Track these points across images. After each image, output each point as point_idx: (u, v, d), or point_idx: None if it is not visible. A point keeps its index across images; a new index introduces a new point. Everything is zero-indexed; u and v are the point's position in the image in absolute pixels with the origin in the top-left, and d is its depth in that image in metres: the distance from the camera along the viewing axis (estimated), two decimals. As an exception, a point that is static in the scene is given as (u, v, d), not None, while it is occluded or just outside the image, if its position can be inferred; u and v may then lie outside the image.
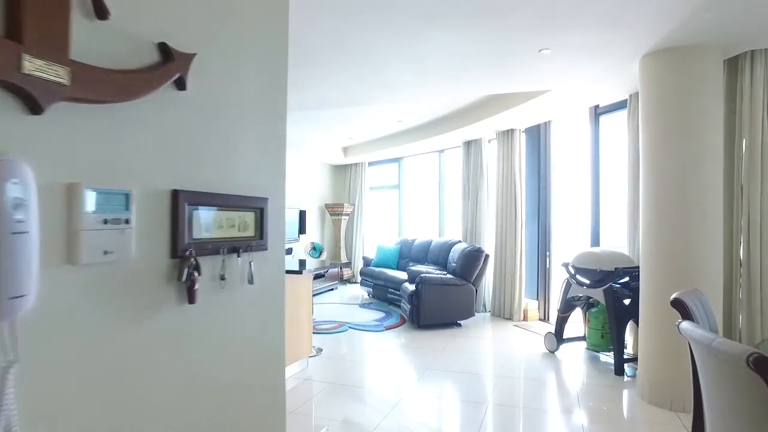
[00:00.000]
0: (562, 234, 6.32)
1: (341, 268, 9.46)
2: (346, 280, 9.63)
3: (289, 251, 8.48)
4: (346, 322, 5.96)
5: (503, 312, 6.27)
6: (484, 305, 6.76)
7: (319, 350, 4.72)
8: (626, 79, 3.96)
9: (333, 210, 9.63)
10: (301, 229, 8.87)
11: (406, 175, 9.40)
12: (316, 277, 8.07)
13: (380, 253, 8.33)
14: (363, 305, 7.21)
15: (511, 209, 6.20)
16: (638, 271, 3.54)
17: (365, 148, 8.71)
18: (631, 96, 4.32)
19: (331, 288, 8.73)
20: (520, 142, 6.25)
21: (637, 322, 3.63)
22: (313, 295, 8.25)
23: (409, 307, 5.76)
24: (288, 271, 3.62)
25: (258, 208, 1.16)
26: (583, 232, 5.64)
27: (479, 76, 4.06)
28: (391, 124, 7.17)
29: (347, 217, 9.77)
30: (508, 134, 6.27)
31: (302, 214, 8.89)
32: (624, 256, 4.15)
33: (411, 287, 5.86)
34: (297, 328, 4.00)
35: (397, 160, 9.41)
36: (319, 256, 9.07)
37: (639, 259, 3.62)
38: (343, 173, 10.21)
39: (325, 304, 7.30)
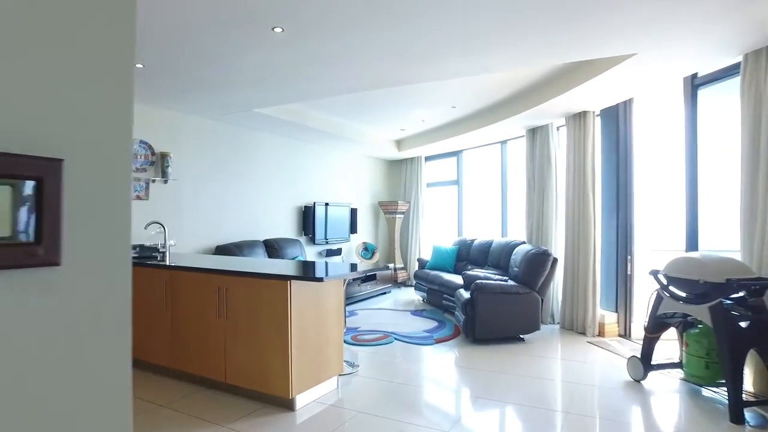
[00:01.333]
0: (647, 234, 5.33)
1: (395, 270, 8.87)
2: (400, 283, 9.02)
3: (338, 252, 8.00)
4: (393, 333, 5.33)
5: (575, 325, 5.37)
6: (552, 316, 5.88)
7: (355, 366, 4.14)
8: (741, 30, 3.03)
9: (387, 208, 9.05)
10: (353, 229, 8.38)
11: (466, 169, 8.62)
12: (366, 279, 7.53)
13: (436, 254, 7.63)
14: (415, 312, 6.55)
15: (583, 206, 5.30)
16: (762, 285, 2.64)
17: (419, 140, 8.05)
18: (747, 56, 3.35)
19: (383, 291, 8.15)
20: (594, 127, 5.33)
21: (762, 354, 2.72)
22: (365, 299, 7.79)
23: (463, 317, 5.04)
24: (303, 278, 3.05)
25: (21, 177, 0.56)
26: (674, 232, 4.65)
27: (539, 37, 3.28)
28: (445, 112, 6.46)
29: (402, 216, 9.16)
30: (579, 118, 5.37)
31: (353, 213, 8.39)
32: (737, 263, 3.19)
33: (466, 294, 5.14)
34: (320, 345, 3.44)
35: (455, 153, 8.66)
36: (371, 258, 8.52)
37: (760, 267, 2.71)
38: (398, 169, 9.60)
39: (375, 310, 6.72)
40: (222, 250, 5.74)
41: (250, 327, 3.32)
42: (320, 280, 2.97)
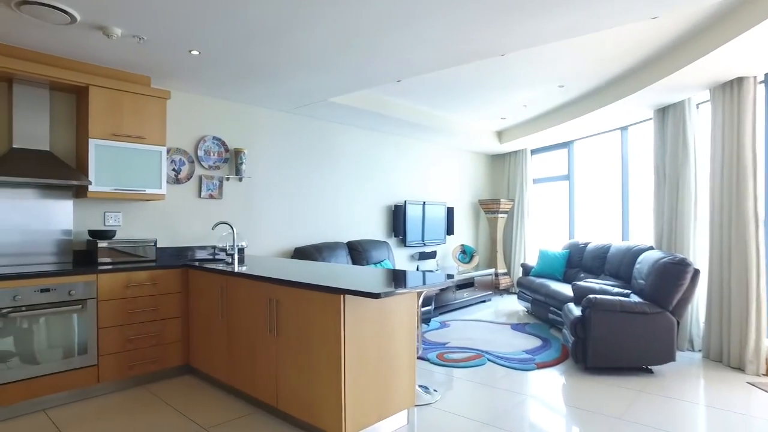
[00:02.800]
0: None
1: (497, 276, 7.99)
2: (502, 291, 8.12)
3: (432, 255, 7.34)
4: (487, 352, 4.56)
5: (726, 357, 4.17)
6: (691, 343, 4.68)
7: (434, 393, 3.46)
8: None
9: (488, 207, 8.20)
10: (449, 230, 7.68)
11: (578, 162, 7.48)
12: (462, 286, 6.78)
13: (543, 259, 6.65)
14: (516, 327, 5.67)
15: (738, 203, 4.08)
16: None
17: (523, 129, 7.10)
18: None
19: (482, 300, 7.33)
20: (756, 98, 4.08)
21: None
22: (461, 308, 7.04)
23: (572, 338, 4.12)
24: (357, 293, 2.46)
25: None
26: None
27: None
28: (551, 93, 5.50)
29: (505, 216, 8.24)
30: (732, 88, 4.15)
31: (450, 212, 7.68)
32: None
33: (576, 311, 4.21)
34: (385, 371, 2.82)
35: (565, 144, 7.56)
36: (469, 261, 7.74)
37: None
38: (501, 164, 8.69)
39: (470, 322, 5.95)
40: (301, 252, 5.39)
41: (301, 347, 2.81)
42: (376, 296, 2.37)
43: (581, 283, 4.55)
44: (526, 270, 6.90)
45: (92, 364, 3.40)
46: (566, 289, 5.46)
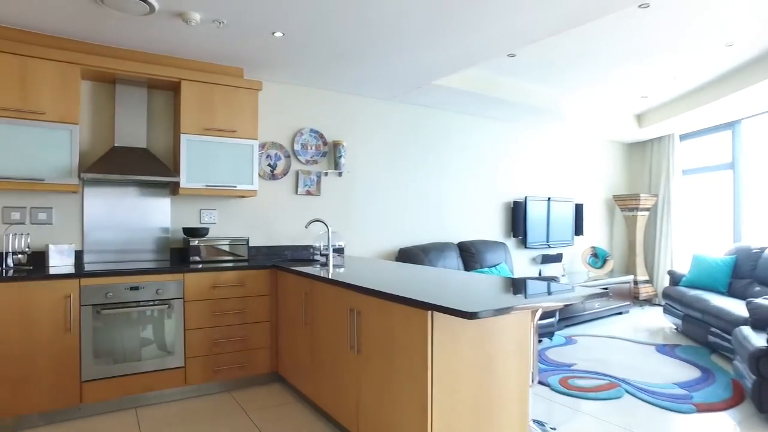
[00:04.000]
0: None
1: (636, 284, 6.79)
2: (643, 301, 6.90)
3: (558, 258, 6.43)
4: (625, 381, 3.67)
5: None
6: None
7: (552, 431, 2.76)
8: None
9: (625, 203, 7.02)
10: (578, 230, 6.70)
11: (746, 147, 6.02)
12: (594, 295, 5.78)
13: (699, 266, 5.42)
14: (662, 349, 4.62)
15: None
16: None
17: (671, 109, 5.88)
18: None
19: (617, 311, 6.25)
20: None
21: None
22: (591, 321, 6.01)
23: (752, 376, 3.09)
24: (446, 309, 1.91)
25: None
26: None
27: None
28: (714, 57, 4.36)
29: (646, 213, 6.99)
30: None
31: (579, 210, 6.70)
32: None
33: (757, 339, 3.17)
34: (485, 404, 2.21)
35: (729, 126, 6.15)
36: (602, 266, 6.67)
37: None
38: (641, 153, 7.42)
39: (602, 338, 5.01)
40: (405, 254, 4.93)
41: (384, 370, 2.32)
42: (470, 316, 1.79)
43: (763, 301, 3.45)
44: (675, 279, 5.69)
45: (180, 366, 3.27)
46: (735, 307, 4.29)
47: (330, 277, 2.80)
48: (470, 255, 5.34)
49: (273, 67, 3.96)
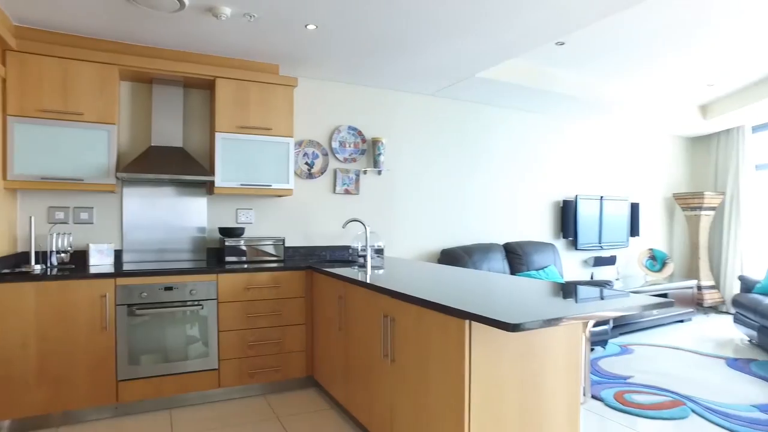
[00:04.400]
0: None
1: (699, 290, 6.27)
2: (708, 308, 6.36)
3: (611, 261, 6.04)
4: (690, 398, 3.33)
5: None
6: None
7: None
8: None
9: (687, 202, 6.51)
10: (633, 230, 6.26)
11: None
12: (658, 305, 5.36)
13: (773, 272, 4.91)
14: (734, 363, 4.19)
15: None
16: None
17: (742, 97, 5.37)
18: None
19: (679, 319, 5.78)
20: None
21: None
22: (649, 328, 5.57)
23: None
24: (484, 320, 1.72)
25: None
26: None
27: None
28: (793, 40, 3.90)
29: (711, 213, 6.45)
30: None
31: (634, 209, 6.26)
32: None
33: None
34: (530, 425, 1.99)
35: (809, 114, 5.55)
36: (660, 270, 6.20)
37: None
38: (705, 147, 6.86)
39: (662, 348, 4.61)
40: (448, 255, 4.73)
41: (420, 382, 2.14)
42: (511, 328, 1.59)
43: None
44: (748, 285, 5.18)
45: (213, 368, 3.22)
46: (819, 317, 3.82)
47: (362, 281, 2.65)
48: (517, 257, 5.07)
49: (308, 63, 3.86)
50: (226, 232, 3.72)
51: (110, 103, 3.24)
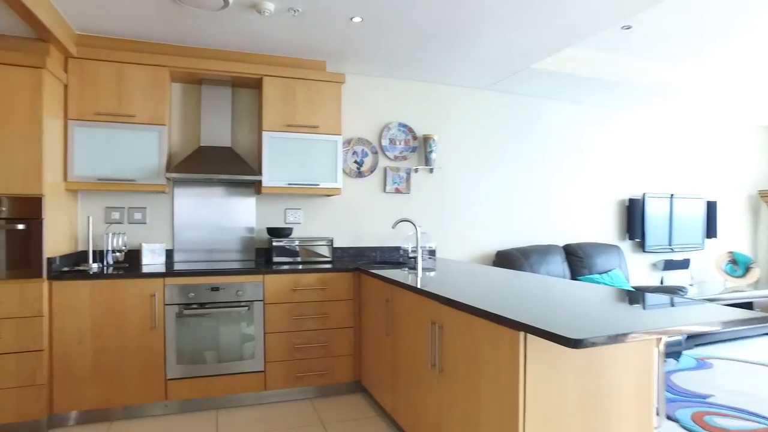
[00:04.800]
0: None
1: (790, 298, 5.63)
2: (800, 319, 5.68)
3: (684, 264, 5.56)
4: (781, 421, 2.93)
5: None
6: None
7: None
8: None
9: (773, 201, 5.88)
10: (710, 232, 5.74)
11: None
12: (750, 320, 4.86)
13: None
14: (833, 382, 3.68)
15: None
16: None
17: (841, 84, 4.76)
18: None
19: (765, 332, 5.21)
20: None
21: None
22: (730, 340, 5.03)
23: None
24: (542, 333, 1.53)
25: None
26: None
27: None
28: None
29: (803, 213, 5.79)
30: None
31: (711, 208, 5.73)
32: None
33: None
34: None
35: None
36: (743, 276, 5.63)
37: None
38: (795, 139, 6.18)
39: (747, 364, 4.15)
40: (503, 257, 4.49)
41: (469, 396, 1.97)
42: (575, 344, 1.38)
43: None
44: None
45: (259, 370, 3.18)
46: None
47: (409, 284, 2.50)
48: (578, 259, 4.74)
49: (356, 58, 3.76)
50: (274, 232, 3.69)
51: (161, 105, 3.28)
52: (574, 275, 4.68)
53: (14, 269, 2.73)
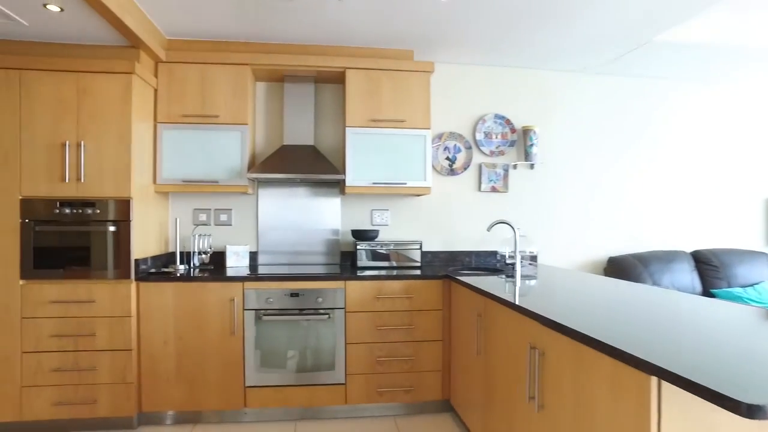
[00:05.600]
0: None
1: None
2: None
3: None
4: None
5: None
6: None
7: None
8: None
9: None
10: None
11: None
12: None
13: None
14: None
15: None
16: None
17: None
18: None
19: None
20: None
21: None
22: None
23: None
24: (691, 385, 1.10)
25: None
26: None
27: None
28: None
29: None
30: None
31: None
32: None
33: None
34: None
35: None
36: None
37: None
38: None
39: None
40: (617, 265, 3.90)
41: (577, 444, 1.57)
42: (751, 412, 0.95)
43: None
44: None
45: (340, 383, 2.98)
46: None
47: (504, 298, 2.13)
48: (712, 269, 3.99)
49: (445, 45, 3.43)
50: (359, 234, 3.48)
51: (243, 104, 3.21)
52: (707, 288, 3.94)
53: (107, 270, 2.78)
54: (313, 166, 3.24)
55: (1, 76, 2.75)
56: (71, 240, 2.77)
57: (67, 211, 2.76)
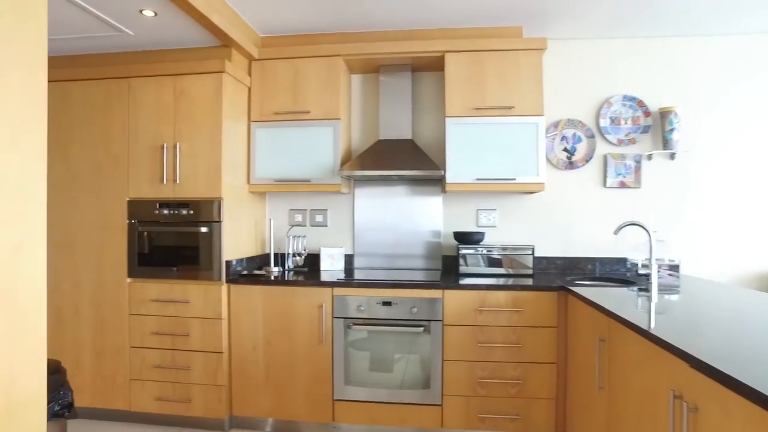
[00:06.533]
0: None
1: None
2: None
3: None
4: None
5: None
6: None
7: None
8: None
9: None
10: None
11: None
12: None
13: None
14: None
15: None
16: None
17: None
18: None
19: None
20: None
21: None
22: None
23: None
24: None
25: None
26: None
27: None
28: None
29: None
30: None
31: None
32: None
33: None
34: None
35: None
36: None
37: None
38: None
39: None
40: (794, 277, 3.06)
41: None
42: None
43: None
44: None
45: (436, 403, 2.65)
46: None
47: (635, 323, 1.65)
48: None
49: (561, 18, 2.94)
50: (462, 237, 3.13)
51: (335, 97, 3.03)
52: None
53: (199, 270, 2.78)
54: (410, 161, 2.96)
55: (113, 86, 2.88)
56: (169, 240, 2.81)
57: (165, 211, 2.81)
